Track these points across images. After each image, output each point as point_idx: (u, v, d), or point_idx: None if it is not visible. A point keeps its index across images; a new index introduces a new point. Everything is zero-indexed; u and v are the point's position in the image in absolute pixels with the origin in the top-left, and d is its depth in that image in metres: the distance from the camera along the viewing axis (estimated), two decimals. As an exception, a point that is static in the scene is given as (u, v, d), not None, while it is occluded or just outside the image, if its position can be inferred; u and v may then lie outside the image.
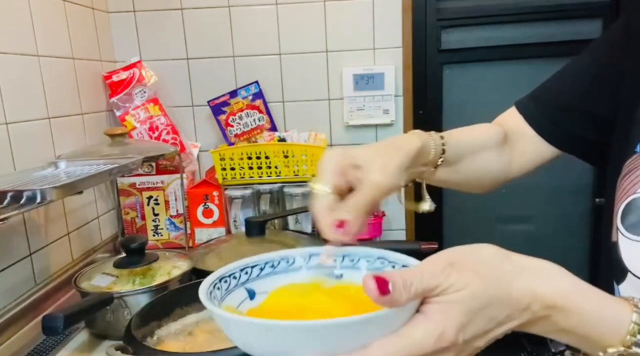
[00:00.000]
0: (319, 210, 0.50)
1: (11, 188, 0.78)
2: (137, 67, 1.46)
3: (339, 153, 0.53)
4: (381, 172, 0.51)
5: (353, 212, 0.49)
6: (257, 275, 0.50)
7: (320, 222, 0.49)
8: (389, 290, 0.36)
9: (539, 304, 0.39)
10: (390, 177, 0.52)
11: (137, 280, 1.02)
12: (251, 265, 0.50)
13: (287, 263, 0.51)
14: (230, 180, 1.38)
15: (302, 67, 1.53)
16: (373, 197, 0.50)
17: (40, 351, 0.97)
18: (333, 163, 0.52)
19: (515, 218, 1.70)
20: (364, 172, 0.51)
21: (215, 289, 0.46)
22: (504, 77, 1.61)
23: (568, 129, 0.67)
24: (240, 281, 0.49)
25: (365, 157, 0.52)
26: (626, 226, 0.54)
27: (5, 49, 1.01)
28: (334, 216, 0.49)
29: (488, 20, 1.55)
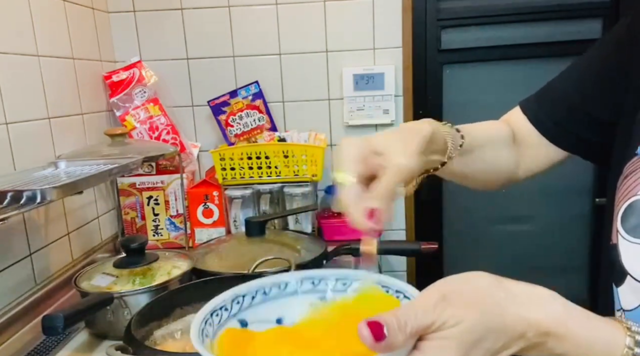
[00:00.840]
0: (348, 200, 0.49)
1: (11, 188, 0.78)
2: (137, 67, 1.46)
3: (359, 141, 0.52)
4: (404, 155, 0.50)
5: (382, 198, 0.48)
6: (249, 304, 0.49)
7: (352, 212, 0.48)
8: (385, 335, 0.36)
9: (533, 331, 0.40)
10: (413, 159, 0.51)
11: (137, 280, 1.02)
12: (242, 294, 0.49)
13: (279, 288, 0.51)
14: (230, 180, 1.38)
15: (302, 67, 1.53)
16: (399, 180, 0.50)
17: (40, 351, 0.97)
18: (354, 151, 0.51)
19: (515, 218, 1.70)
20: (386, 157, 0.50)
21: (207, 325, 0.45)
22: (504, 77, 1.61)
23: (572, 130, 0.67)
24: (232, 313, 0.48)
25: (385, 142, 0.52)
26: (626, 228, 0.54)
27: (5, 49, 1.01)
28: (364, 205, 0.48)
29: (488, 20, 1.55)
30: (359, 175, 0.50)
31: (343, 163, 0.51)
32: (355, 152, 0.51)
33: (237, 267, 1.08)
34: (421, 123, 0.57)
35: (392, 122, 1.54)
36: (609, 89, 0.63)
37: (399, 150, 0.51)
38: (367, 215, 0.47)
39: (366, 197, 0.49)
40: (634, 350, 0.39)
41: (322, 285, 0.50)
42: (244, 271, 1.03)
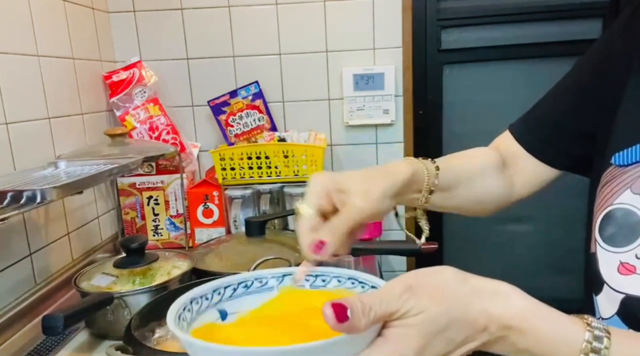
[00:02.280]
0: (301, 230, 0.52)
1: (11, 188, 0.78)
2: (137, 67, 1.46)
3: (326, 177, 0.55)
4: (363, 197, 0.52)
5: (332, 233, 0.50)
6: (229, 296, 0.50)
7: (301, 242, 0.51)
8: (348, 317, 0.37)
9: (495, 325, 0.41)
10: (372, 202, 0.53)
11: (137, 280, 1.02)
12: (224, 286, 0.50)
13: (261, 283, 0.52)
14: (230, 180, 1.38)
15: (302, 67, 1.53)
16: (353, 220, 0.51)
17: (40, 351, 0.97)
18: (319, 186, 0.54)
19: (515, 218, 1.70)
20: (347, 196, 0.53)
21: (185, 311, 0.46)
22: (504, 77, 1.61)
23: (558, 146, 0.68)
24: (213, 302, 0.49)
25: (350, 181, 0.54)
26: (603, 237, 0.54)
27: (5, 49, 1.01)
28: (315, 236, 0.50)
29: (488, 20, 1.55)
30: (319, 209, 0.53)
31: (306, 196, 0.54)
32: (319, 187, 0.54)
33: (237, 267, 1.08)
34: (402, 165, 0.59)
35: (392, 122, 1.54)
36: (589, 101, 0.64)
37: (360, 191, 0.53)
38: (315, 246, 0.49)
39: (319, 230, 0.51)
40: (592, 343, 0.40)
41: (302, 281, 0.52)
42: (244, 271, 1.03)
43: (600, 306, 0.55)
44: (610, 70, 0.61)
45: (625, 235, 0.52)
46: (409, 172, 0.58)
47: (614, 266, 0.53)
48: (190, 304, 0.47)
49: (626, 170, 0.54)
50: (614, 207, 0.54)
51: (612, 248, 0.53)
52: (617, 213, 0.53)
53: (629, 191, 0.53)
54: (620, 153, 0.55)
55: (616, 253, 0.53)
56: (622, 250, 0.52)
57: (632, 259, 0.51)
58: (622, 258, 0.52)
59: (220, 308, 0.49)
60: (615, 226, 0.53)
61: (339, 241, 0.50)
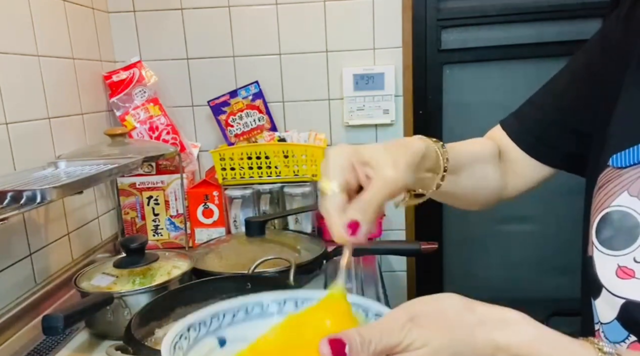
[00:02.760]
0: (330, 210, 0.47)
1: (11, 188, 0.78)
2: (137, 67, 1.46)
3: (347, 150, 0.50)
4: (393, 168, 0.48)
5: (365, 211, 0.46)
6: (229, 322, 0.48)
7: (331, 224, 0.46)
8: (346, 353, 0.35)
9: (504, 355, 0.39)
10: (402, 173, 0.49)
11: (137, 280, 1.02)
12: (223, 312, 0.48)
13: (261, 308, 0.49)
14: (230, 180, 1.38)
15: (302, 67, 1.53)
16: (385, 194, 0.47)
17: (40, 351, 0.97)
18: (342, 160, 0.49)
19: (515, 218, 1.70)
20: (375, 169, 0.48)
21: (182, 339, 0.43)
22: (504, 77, 1.61)
23: (553, 144, 0.66)
24: (211, 329, 0.46)
25: (375, 154, 0.50)
26: (600, 240, 0.53)
27: (5, 49, 1.01)
28: (346, 216, 0.46)
29: (488, 20, 1.55)
30: (344, 185, 0.48)
31: (329, 172, 0.49)
32: (342, 161, 0.49)
33: (237, 267, 1.08)
34: (413, 139, 0.56)
35: (392, 122, 1.54)
36: (585, 100, 0.63)
37: (388, 162, 0.49)
38: (347, 227, 0.45)
39: (349, 208, 0.46)
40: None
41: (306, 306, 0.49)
42: (244, 271, 1.03)
43: (599, 310, 0.54)
44: (605, 68, 0.60)
45: (623, 238, 0.51)
46: (423, 145, 0.55)
47: (612, 270, 0.52)
48: (188, 331, 0.44)
49: (623, 172, 0.53)
50: (611, 209, 0.53)
51: (609, 251, 0.52)
52: (614, 216, 0.52)
53: (626, 193, 0.52)
54: (618, 155, 0.54)
55: (614, 257, 0.52)
56: (620, 253, 0.51)
57: (630, 263, 0.50)
58: (620, 262, 0.51)
59: (219, 336, 0.47)
60: (613, 229, 0.52)
61: (373, 218, 0.46)
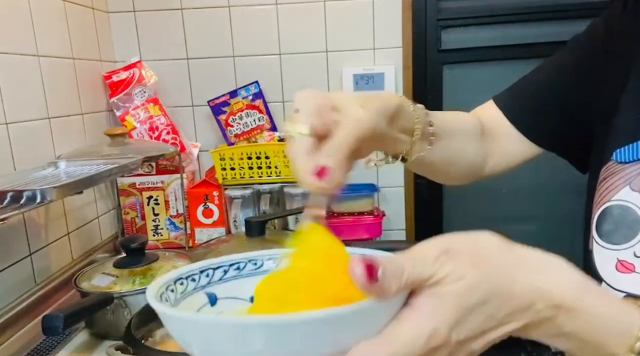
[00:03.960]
0: (296, 154, 0.43)
1: (11, 188, 0.78)
2: (137, 67, 1.46)
3: (315, 93, 0.47)
4: (363, 109, 0.46)
5: (335, 155, 0.43)
6: (219, 278, 0.44)
7: (298, 169, 0.43)
8: (378, 277, 0.31)
9: (543, 303, 0.35)
10: (372, 115, 0.47)
11: (137, 280, 1.02)
12: (213, 267, 0.44)
13: (255, 265, 0.46)
14: (230, 180, 1.38)
15: (302, 67, 1.53)
16: (355, 136, 0.44)
17: (40, 351, 0.97)
18: (310, 103, 0.45)
19: (515, 218, 1.70)
20: (343, 112, 0.46)
21: (167, 291, 0.39)
22: (504, 77, 1.60)
23: (548, 125, 0.65)
24: (200, 285, 0.43)
25: (343, 98, 0.47)
26: (600, 234, 0.53)
27: (5, 49, 1.01)
28: (314, 162, 0.42)
29: (488, 20, 1.55)
30: (313, 129, 0.44)
31: (296, 114, 0.45)
32: (311, 104, 0.45)
33: (237, 267, 1.08)
34: (387, 92, 0.55)
35: (392, 122, 1.54)
36: (585, 89, 0.62)
37: (358, 104, 0.47)
38: (315, 172, 0.41)
39: (317, 153, 0.43)
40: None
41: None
42: (244, 271, 1.03)
43: None
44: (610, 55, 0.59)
45: (623, 232, 0.51)
46: (397, 99, 0.52)
47: (611, 263, 0.52)
48: (175, 284, 0.40)
49: (626, 166, 0.53)
50: (611, 203, 0.53)
51: (609, 245, 0.52)
52: (614, 210, 0.52)
53: (628, 188, 0.52)
54: (622, 149, 0.53)
55: (614, 251, 0.52)
56: (620, 247, 0.51)
57: (630, 257, 0.50)
58: (619, 256, 0.51)
59: (209, 291, 0.43)
60: (613, 223, 0.52)
61: (343, 164, 0.43)
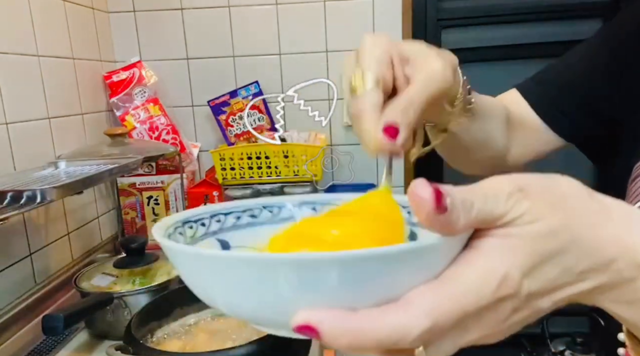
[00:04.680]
0: (365, 109, 0.36)
1: (11, 188, 0.78)
2: (137, 67, 1.46)
3: (385, 39, 0.40)
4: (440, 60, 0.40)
5: (407, 111, 0.36)
6: (232, 225, 0.38)
7: (366, 127, 0.36)
8: (447, 207, 0.25)
9: (626, 260, 0.29)
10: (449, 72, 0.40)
11: (137, 280, 1.02)
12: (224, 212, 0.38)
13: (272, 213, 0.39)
14: (230, 180, 1.38)
15: (302, 67, 1.53)
16: (431, 91, 0.38)
17: (40, 351, 0.97)
18: (380, 51, 0.39)
19: (515, 218, 1.70)
20: (417, 64, 0.40)
21: (176, 232, 0.35)
22: (504, 77, 1.60)
23: (574, 118, 0.63)
24: (211, 230, 0.37)
25: (416, 48, 0.41)
26: None
27: (5, 49, 1.01)
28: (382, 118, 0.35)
29: (488, 20, 1.55)
30: (382, 81, 0.38)
31: (364, 62, 0.38)
32: (380, 52, 0.39)
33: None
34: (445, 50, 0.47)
35: (392, 122, 1.54)
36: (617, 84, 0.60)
37: (432, 54, 0.40)
38: (384, 130, 0.35)
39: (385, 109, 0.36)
40: None
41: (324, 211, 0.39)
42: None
43: None
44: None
45: None
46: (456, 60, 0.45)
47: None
48: (183, 226, 0.36)
49: None
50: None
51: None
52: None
53: None
54: None
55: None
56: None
57: None
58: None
59: (221, 238, 0.38)
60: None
61: (414, 123, 0.36)
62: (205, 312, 0.91)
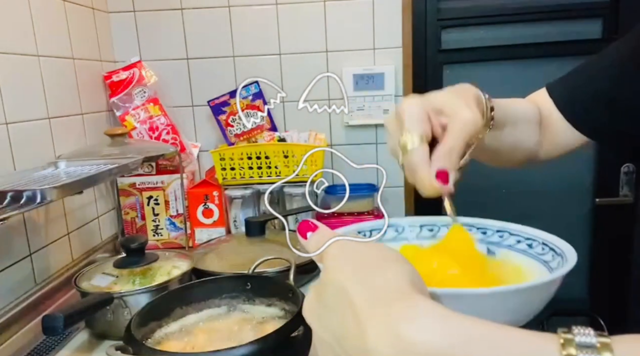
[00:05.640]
0: (417, 163, 0.45)
1: (11, 188, 0.78)
2: (137, 67, 1.46)
3: (419, 99, 0.48)
4: (468, 108, 0.47)
5: (451, 157, 0.45)
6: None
7: (422, 177, 0.45)
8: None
9: None
10: (477, 114, 0.48)
11: (137, 280, 1.02)
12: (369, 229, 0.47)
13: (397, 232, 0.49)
14: (230, 180, 1.38)
15: (302, 67, 1.53)
16: (466, 136, 0.46)
17: (40, 351, 0.97)
18: (418, 110, 0.47)
19: (515, 218, 1.69)
20: (450, 114, 0.47)
21: None
22: (504, 77, 1.61)
23: (599, 119, 0.65)
24: None
25: (446, 99, 0.48)
26: None
27: (5, 49, 1.01)
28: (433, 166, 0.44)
29: (488, 20, 1.55)
30: (424, 136, 0.46)
31: (408, 124, 0.46)
32: (418, 111, 0.47)
33: (237, 267, 1.08)
34: (467, 85, 0.54)
35: (392, 122, 1.54)
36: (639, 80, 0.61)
37: (462, 104, 0.48)
38: (437, 176, 0.44)
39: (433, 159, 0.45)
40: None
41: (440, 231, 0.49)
42: (244, 271, 1.03)
43: None
44: None
45: None
46: (477, 90, 0.53)
47: None
48: None
49: None
50: None
51: None
52: None
53: None
54: None
55: None
56: None
57: None
58: None
59: None
60: None
61: (458, 164, 0.45)
62: (205, 312, 0.91)
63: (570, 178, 1.64)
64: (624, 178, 1.58)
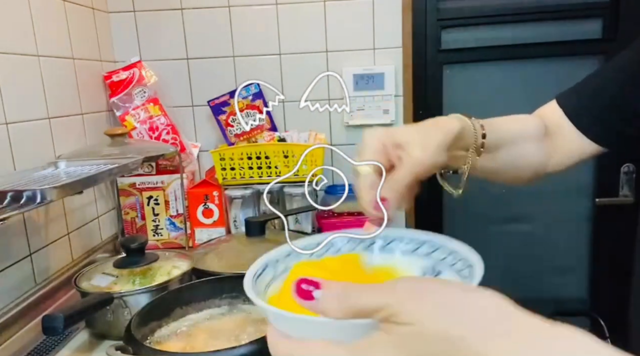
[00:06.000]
0: (360, 188, 0.51)
1: (11, 188, 0.78)
2: (137, 67, 1.46)
3: (381, 132, 0.53)
4: (422, 149, 0.51)
5: (393, 189, 0.49)
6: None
7: (362, 200, 0.50)
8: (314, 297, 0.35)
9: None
10: (431, 154, 0.52)
11: (137, 280, 1.02)
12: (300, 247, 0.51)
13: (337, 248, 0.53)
14: (230, 180, 1.38)
15: (302, 67, 1.53)
16: (414, 173, 0.50)
17: (40, 351, 0.97)
18: (375, 140, 0.53)
19: (515, 218, 1.70)
20: (404, 150, 0.51)
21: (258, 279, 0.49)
22: (504, 77, 1.61)
23: (609, 125, 0.66)
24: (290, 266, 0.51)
25: (406, 135, 0.53)
26: None
27: (5, 49, 1.01)
28: (375, 194, 0.49)
29: (488, 20, 1.55)
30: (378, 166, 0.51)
31: (363, 153, 0.53)
32: (375, 142, 0.52)
33: (237, 267, 1.08)
34: (448, 119, 0.57)
35: (392, 122, 1.54)
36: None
37: (418, 143, 0.51)
38: (375, 203, 0.48)
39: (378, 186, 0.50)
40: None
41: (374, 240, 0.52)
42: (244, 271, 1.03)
43: None
44: None
45: None
46: (458, 125, 0.56)
47: None
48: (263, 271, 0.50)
49: None
50: None
51: None
52: None
53: None
54: None
55: None
56: None
57: None
58: None
59: None
60: None
61: (400, 196, 0.50)
62: (205, 312, 0.91)
63: (570, 178, 1.64)
64: (624, 178, 1.58)
